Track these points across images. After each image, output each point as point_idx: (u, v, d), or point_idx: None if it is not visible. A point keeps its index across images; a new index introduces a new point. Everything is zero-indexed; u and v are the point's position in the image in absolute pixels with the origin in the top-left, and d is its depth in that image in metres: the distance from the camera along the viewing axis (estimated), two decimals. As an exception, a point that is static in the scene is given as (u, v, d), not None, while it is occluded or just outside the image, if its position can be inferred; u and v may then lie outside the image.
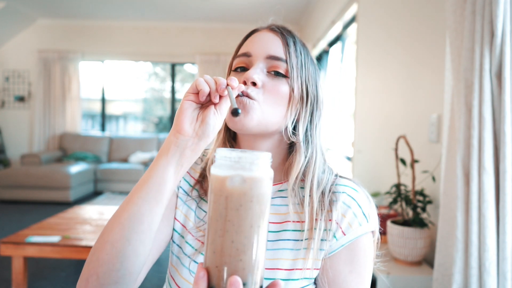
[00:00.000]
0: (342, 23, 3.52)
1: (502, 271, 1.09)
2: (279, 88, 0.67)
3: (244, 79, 0.66)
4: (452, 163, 1.29)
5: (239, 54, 0.71)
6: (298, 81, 0.69)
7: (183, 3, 5.16)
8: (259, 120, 0.66)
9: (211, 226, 0.44)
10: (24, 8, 5.51)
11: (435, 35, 1.69)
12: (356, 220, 0.66)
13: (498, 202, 1.11)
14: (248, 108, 0.65)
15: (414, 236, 1.50)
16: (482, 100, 1.11)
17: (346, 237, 0.65)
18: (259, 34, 0.72)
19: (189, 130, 0.59)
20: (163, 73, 6.90)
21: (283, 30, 0.72)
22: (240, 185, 0.42)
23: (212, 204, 0.44)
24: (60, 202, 4.96)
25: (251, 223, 0.42)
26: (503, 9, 1.06)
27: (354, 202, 0.67)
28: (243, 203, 0.42)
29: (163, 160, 0.59)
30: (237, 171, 0.42)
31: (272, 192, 0.70)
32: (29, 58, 6.06)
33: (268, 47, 0.69)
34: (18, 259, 2.19)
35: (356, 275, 0.65)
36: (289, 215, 0.68)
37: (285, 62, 0.68)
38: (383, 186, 2.23)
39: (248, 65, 0.70)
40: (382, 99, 2.39)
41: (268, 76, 0.68)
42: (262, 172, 0.43)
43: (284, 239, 0.67)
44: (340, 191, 0.68)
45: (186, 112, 0.59)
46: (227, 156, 0.43)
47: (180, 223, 0.74)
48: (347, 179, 0.72)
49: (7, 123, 6.11)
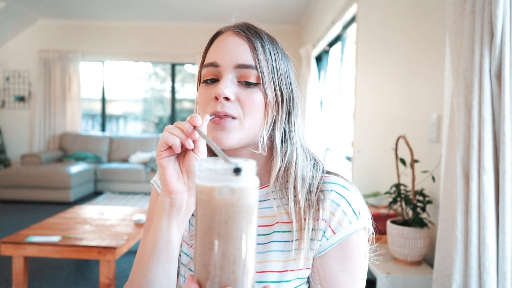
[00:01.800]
0: (342, 23, 3.52)
1: (502, 271, 1.09)
2: (253, 98, 0.65)
3: (216, 95, 0.63)
4: (452, 163, 1.29)
5: (206, 63, 0.68)
6: (271, 86, 0.66)
7: (183, 3, 5.17)
8: (240, 137, 0.65)
9: (200, 240, 0.43)
10: (25, 8, 5.51)
11: (435, 35, 1.69)
12: (346, 218, 0.65)
13: (498, 202, 1.12)
14: (229, 129, 0.64)
15: (414, 236, 1.50)
16: (482, 100, 1.12)
17: (336, 235, 0.64)
18: (224, 38, 0.68)
19: (179, 187, 0.59)
20: (163, 73, 6.90)
21: (249, 31, 0.68)
22: (228, 196, 0.41)
23: (199, 217, 0.43)
24: (60, 202, 4.96)
25: (240, 234, 0.42)
26: (503, 9, 1.06)
27: (343, 200, 0.66)
28: (232, 215, 0.41)
29: (164, 223, 0.60)
30: (224, 183, 0.41)
31: (261, 195, 0.70)
32: (29, 58, 6.07)
33: (235, 55, 0.65)
34: (18, 259, 2.20)
35: (348, 273, 0.65)
36: (277, 216, 0.67)
37: (255, 68, 0.65)
38: (383, 186, 2.23)
39: (217, 76, 0.67)
40: (382, 99, 2.39)
41: (239, 86, 0.65)
42: (249, 182, 0.42)
43: (274, 241, 0.66)
44: (328, 189, 0.67)
45: (168, 170, 0.58)
46: (212, 168, 0.42)
47: None
48: (335, 176, 0.70)
49: (7, 123, 6.11)
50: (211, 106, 0.65)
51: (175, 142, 0.57)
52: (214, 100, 0.65)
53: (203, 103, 0.67)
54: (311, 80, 4.24)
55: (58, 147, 6.09)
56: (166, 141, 0.57)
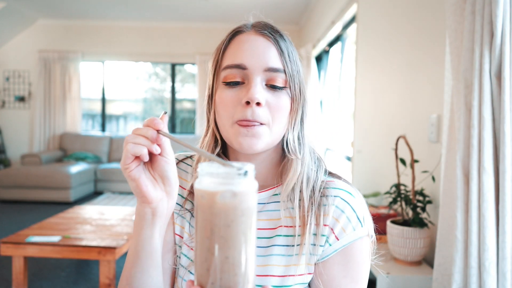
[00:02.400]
0: (342, 23, 3.52)
1: (502, 271, 1.09)
2: (281, 102, 0.65)
3: (248, 100, 0.62)
4: (452, 163, 1.29)
5: (230, 65, 0.65)
6: (296, 89, 0.66)
7: (183, 3, 5.17)
8: (268, 142, 0.65)
9: (201, 244, 0.43)
10: (25, 8, 5.51)
11: (435, 35, 1.69)
12: (350, 224, 0.64)
13: (497, 202, 1.12)
14: (259, 135, 0.63)
15: (414, 236, 1.50)
16: (482, 100, 1.12)
17: (340, 242, 0.64)
18: (249, 38, 0.66)
19: (158, 195, 0.58)
20: (163, 73, 6.90)
21: (274, 33, 0.67)
22: (230, 200, 0.41)
23: (200, 222, 0.43)
24: (60, 202, 4.96)
25: (242, 237, 0.42)
26: (503, 9, 1.06)
27: (348, 206, 0.65)
28: (234, 219, 0.41)
29: (147, 233, 0.59)
30: (226, 187, 0.41)
31: (266, 197, 0.69)
32: (29, 58, 6.07)
33: (265, 58, 0.64)
34: (18, 259, 2.20)
35: (350, 279, 0.64)
36: (281, 220, 0.67)
37: (283, 72, 0.65)
38: (383, 186, 2.23)
39: (244, 79, 0.65)
40: (382, 99, 2.39)
41: (267, 90, 0.65)
42: (249, 185, 0.43)
43: (276, 245, 0.65)
44: (332, 195, 0.66)
45: (142, 181, 0.56)
46: (214, 172, 0.42)
47: (177, 235, 0.73)
48: (339, 180, 0.69)
49: (7, 123, 6.11)
50: (240, 111, 0.63)
51: (142, 151, 0.54)
52: (244, 105, 0.63)
53: (228, 108, 0.65)
54: (311, 80, 4.24)
55: (58, 147, 6.09)
56: (133, 152, 0.54)
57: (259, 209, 0.68)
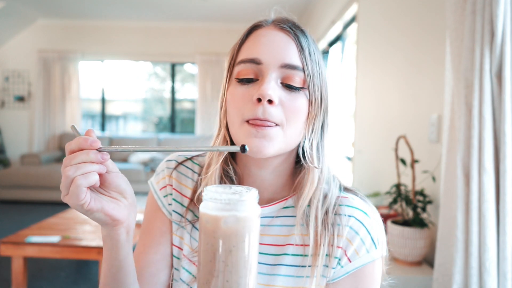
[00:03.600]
0: (342, 23, 3.52)
1: (502, 271, 1.09)
2: (297, 103, 0.58)
3: (259, 96, 0.56)
4: (452, 163, 1.29)
5: (244, 59, 0.59)
6: (316, 91, 0.60)
7: (183, 3, 5.16)
8: (280, 146, 0.58)
9: (204, 267, 0.44)
10: (24, 8, 5.51)
11: (435, 35, 1.69)
12: (364, 247, 0.61)
13: (498, 202, 1.11)
14: (270, 137, 0.57)
15: (414, 236, 1.50)
16: (482, 100, 1.11)
17: (352, 264, 0.60)
18: (267, 33, 0.60)
19: (125, 212, 0.53)
20: (163, 73, 6.90)
21: (295, 28, 0.61)
22: (233, 225, 0.42)
23: (203, 245, 0.44)
24: (60, 202, 4.95)
25: (244, 261, 0.43)
26: (503, 9, 1.06)
27: (362, 228, 0.61)
28: (236, 244, 0.43)
29: (124, 252, 0.55)
30: (230, 212, 0.42)
31: (275, 211, 0.64)
32: (29, 58, 6.06)
33: (283, 53, 0.58)
34: (18, 259, 2.19)
35: None
36: (291, 237, 0.62)
37: (302, 70, 0.58)
38: (383, 186, 2.23)
39: (258, 75, 0.59)
40: (382, 99, 2.39)
41: (283, 89, 0.58)
42: (252, 210, 0.44)
43: (283, 264, 0.61)
44: (347, 214, 0.62)
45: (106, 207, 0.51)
46: (218, 198, 0.43)
47: (177, 247, 0.69)
48: (354, 197, 0.65)
49: (7, 123, 6.11)
50: (250, 109, 0.57)
51: (95, 178, 0.48)
52: (255, 103, 0.57)
53: (238, 105, 0.59)
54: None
55: (58, 147, 6.08)
56: (86, 184, 0.47)
57: (267, 223, 0.64)
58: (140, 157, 5.81)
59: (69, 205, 0.50)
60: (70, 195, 0.48)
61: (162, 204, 0.71)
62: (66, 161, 0.49)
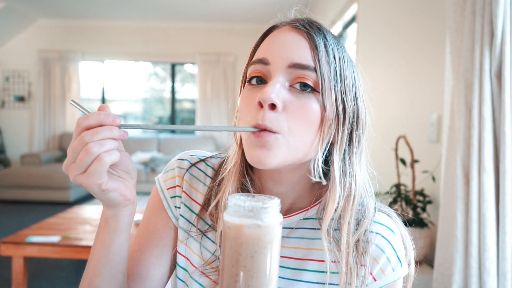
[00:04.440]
0: (342, 23, 3.52)
1: (502, 271, 1.09)
2: (307, 108, 0.52)
3: (260, 100, 0.51)
4: (452, 163, 1.29)
5: (254, 60, 0.56)
6: (332, 96, 0.53)
7: (183, 3, 5.16)
8: (284, 156, 0.52)
9: (226, 272, 0.45)
10: (24, 8, 5.51)
11: (435, 35, 1.69)
12: (390, 265, 0.59)
13: (498, 202, 1.12)
14: (270, 145, 0.51)
15: (414, 236, 1.50)
16: (482, 100, 1.11)
17: (377, 283, 0.58)
18: (279, 33, 0.56)
19: (133, 191, 0.52)
20: (163, 73, 6.90)
21: (310, 26, 0.56)
22: (255, 232, 0.44)
23: (226, 250, 0.45)
24: (60, 202, 4.96)
25: (264, 268, 0.44)
26: (503, 9, 1.06)
27: (389, 246, 0.59)
28: (258, 250, 0.44)
29: (125, 236, 0.54)
30: (252, 220, 0.44)
31: (294, 221, 0.60)
32: (29, 58, 6.06)
33: (291, 52, 0.53)
34: (18, 259, 2.19)
35: None
36: (311, 252, 0.59)
37: (314, 71, 0.52)
38: (383, 186, 2.23)
39: (266, 75, 0.54)
40: (382, 99, 2.39)
41: (291, 92, 0.52)
42: (274, 218, 0.45)
43: (302, 281, 0.58)
44: (374, 231, 0.59)
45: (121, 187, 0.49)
46: (241, 205, 0.44)
47: (184, 257, 0.63)
48: (383, 215, 0.62)
49: (7, 123, 6.11)
50: (253, 114, 0.53)
51: (117, 156, 0.46)
52: (257, 107, 0.52)
53: (244, 109, 0.55)
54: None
55: (58, 147, 6.08)
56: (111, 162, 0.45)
57: (286, 234, 0.60)
58: (140, 157, 5.81)
59: (82, 184, 0.46)
60: (90, 174, 0.45)
61: (168, 205, 0.66)
62: (86, 137, 0.44)
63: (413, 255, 0.62)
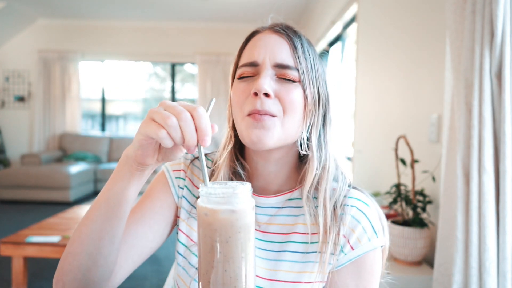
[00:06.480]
0: (342, 23, 3.52)
1: (502, 271, 1.09)
2: (293, 94, 0.63)
3: (255, 91, 0.61)
4: (452, 163, 1.29)
5: (244, 63, 0.66)
6: (310, 86, 0.65)
7: (183, 3, 5.16)
8: (279, 136, 0.63)
9: (203, 258, 0.47)
10: (24, 8, 5.51)
11: (435, 35, 1.69)
12: (366, 235, 0.65)
13: (498, 202, 1.11)
14: (269, 127, 0.61)
15: (414, 236, 1.50)
16: (482, 100, 1.11)
17: (355, 251, 0.64)
18: (263, 37, 0.66)
19: (152, 162, 0.54)
20: (163, 73, 6.90)
21: (288, 30, 0.67)
22: (228, 218, 0.45)
23: (202, 237, 0.47)
24: (60, 202, 4.96)
25: (240, 252, 0.46)
26: (503, 9, 1.06)
27: (364, 217, 0.66)
28: (232, 235, 0.45)
29: (125, 182, 0.55)
30: (224, 206, 0.45)
31: (281, 201, 0.69)
32: (29, 58, 6.06)
33: (275, 53, 0.64)
34: (18, 259, 2.19)
35: None
36: (296, 226, 0.66)
37: (295, 68, 0.64)
38: (383, 186, 2.23)
39: (255, 74, 0.65)
40: (382, 99, 2.39)
41: (278, 82, 0.64)
42: (246, 203, 0.46)
43: (288, 251, 0.65)
44: (350, 204, 0.66)
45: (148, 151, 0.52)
46: (212, 192, 0.46)
47: (184, 234, 0.72)
48: (357, 191, 0.69)
49: (7, 123, 6.11)
50: (249, 103, 0.63)
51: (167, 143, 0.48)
52: (252, 97, 0.62)
53: (239, 101, 0.65)
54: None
55: (58, 147, 6.08)
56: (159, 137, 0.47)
57: (273, 213, 0.68)
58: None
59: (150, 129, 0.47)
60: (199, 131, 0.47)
61: (172, 183, 0.74)
62: (201, 111, 0.48)
63: (387, 229, 0.69)
